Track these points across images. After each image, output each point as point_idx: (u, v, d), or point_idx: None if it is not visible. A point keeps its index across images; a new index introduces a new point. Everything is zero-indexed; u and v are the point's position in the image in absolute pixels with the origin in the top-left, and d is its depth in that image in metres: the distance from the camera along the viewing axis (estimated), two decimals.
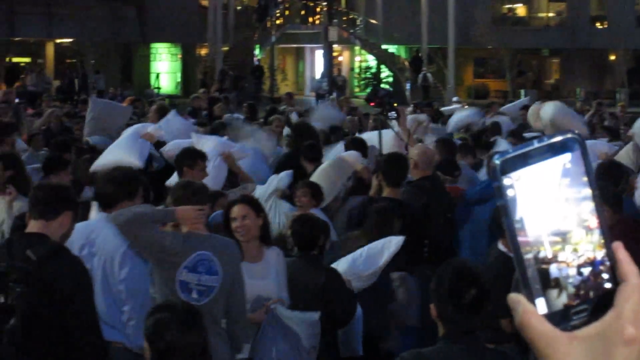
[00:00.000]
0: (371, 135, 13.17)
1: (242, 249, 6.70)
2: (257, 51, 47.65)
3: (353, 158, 10.39)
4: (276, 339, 6.54)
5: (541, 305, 1.27)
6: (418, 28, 46.51)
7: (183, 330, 4.74)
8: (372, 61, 50.59)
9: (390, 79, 47.71)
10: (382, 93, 13.47)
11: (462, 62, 50.44)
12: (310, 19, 51.36)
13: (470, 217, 9.85)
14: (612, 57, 52.29)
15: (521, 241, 1.27)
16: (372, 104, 13.50)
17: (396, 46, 50.87)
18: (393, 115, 12.71)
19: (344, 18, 51.15)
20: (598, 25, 52.81)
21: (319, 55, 51.82)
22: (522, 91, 45.13)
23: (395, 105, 12.90)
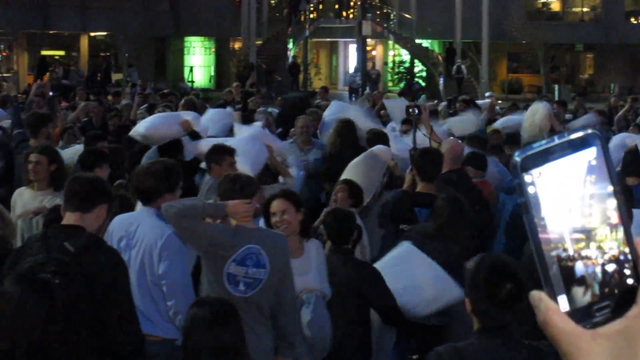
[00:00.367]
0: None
1: None
2: (291, 45, 47.66)
3: (385, 152, 10.25)
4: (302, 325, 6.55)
5: (563, 302, 1.27)
6: (452, 22, 46.43)
7: (213, 328, 4.76)
8: (406, 55, 50.52)
9: (423, 74, 47.68)
10: (416, 87, 13.48)
11: (496, 57, 50.27)
12: (344, 13, 51.33)
13: (504, 214, 9.82)
14: None
15: (542, 238, 1.27)
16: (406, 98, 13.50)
17: (430, 40, 50.74)
18: (415, 111, 12.69)
19: (378, 12, 51.08)
20: (633, 20, 52.43)
21: (353, 49, 51.85)
22: (556, 86, 44.93)
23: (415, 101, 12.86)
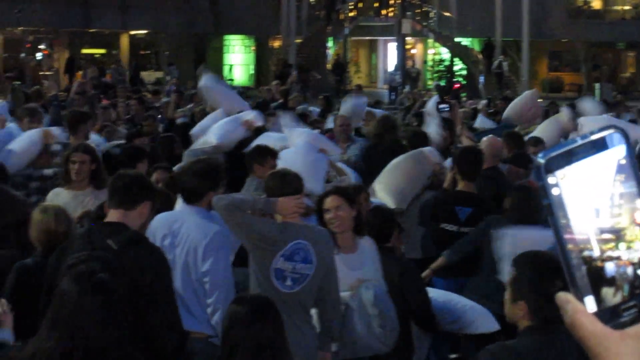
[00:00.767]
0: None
1: (337, 240, 6.73)
2: (330, 44, 47.65)
3: (432, 154, 10.03)
4: (352, 319, 6.54)
5: (590, 303, 1.26)
6: (492, 20, 46.17)
7: (252, 325, 4.76)
8: (446, 54, 50.31)
9: (463, 72, 47.49)
10: (444, 86, 13.50)
11: (537, 55, 49.96)
12: (383, 12, 51.31)
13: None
14: None
15: (568, 239, 1.26)
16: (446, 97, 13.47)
17: (470, 39, 50.55)
18: (446, 108, 12.60)
19: (417, 10, 50.94)
20: None
21: (392, 47, 51.82)
22: (597, 85, 44.62)
23: (446, 98, 12.79)
